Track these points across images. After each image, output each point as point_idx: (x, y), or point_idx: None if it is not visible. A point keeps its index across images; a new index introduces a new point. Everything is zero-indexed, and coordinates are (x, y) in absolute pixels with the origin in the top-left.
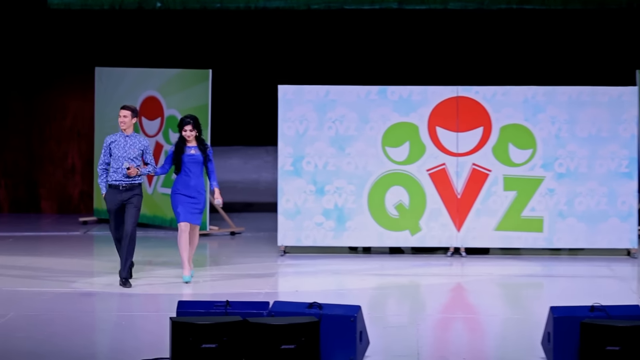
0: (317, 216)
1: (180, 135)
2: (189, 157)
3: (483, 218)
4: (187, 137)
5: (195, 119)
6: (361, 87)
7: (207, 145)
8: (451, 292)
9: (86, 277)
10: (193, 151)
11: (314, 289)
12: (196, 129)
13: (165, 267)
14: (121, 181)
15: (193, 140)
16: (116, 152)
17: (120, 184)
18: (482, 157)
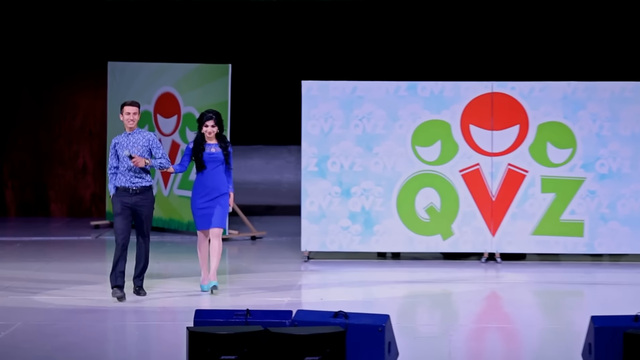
0: (343, 220)
1: (199, 132)
2: (209, 155)
3: (519, 222)
4: (208, 134)
5: (217, 114)
6: (390, 83)
7: (229, 143)
8: (485, 301)
9: (98, 285)
10: (213, 149)
11: (340, 297)
12: (218, 125)
13: (182, 274)
14: (131, 184)
15: (214, 138)
16: (121, 152)
17: (130, 186)
18: (519, 157)
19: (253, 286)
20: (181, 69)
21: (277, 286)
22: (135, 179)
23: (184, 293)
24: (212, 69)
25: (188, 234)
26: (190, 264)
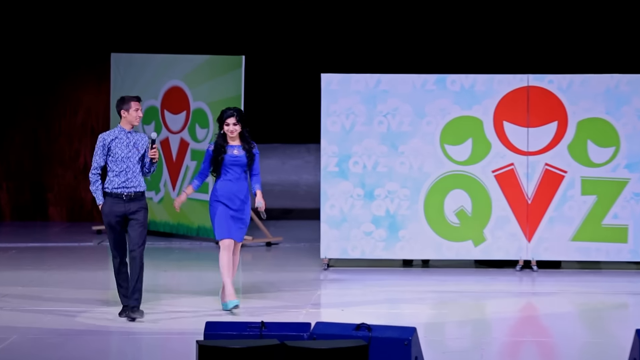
0: (366, 224)
1: (220, 132)
2: (231, 158)
3: (557, 226)
4: (230, 133)
5: (239, 111)
6: (417, 76)
7: (253, 144)
8: (520, 312)
9: (100, 295)
10: (236, 151)
11: (362, 309)
12: (241, 123)
13: (193, 286)
14: (125, 188)
15: (237, 138)
16: (119, 152)
17: (123, 191)
18: (557, 156)
19: (268, 296)
20: (190, 61)
21: (294, 296)
22: (130, 182)
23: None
24: (224, 61)
25: (198, 239)
26: (202, 273)
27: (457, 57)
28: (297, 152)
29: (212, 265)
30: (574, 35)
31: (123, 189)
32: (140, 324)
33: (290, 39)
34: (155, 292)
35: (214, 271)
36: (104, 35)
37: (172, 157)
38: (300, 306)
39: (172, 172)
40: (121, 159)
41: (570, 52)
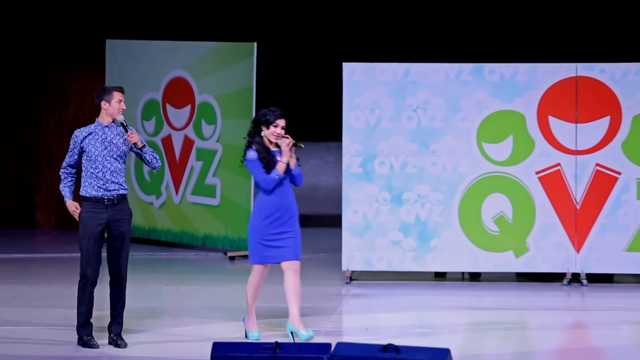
0: (393, 232)
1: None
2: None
3: (610, 235)
4: (276, 137)
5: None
6: (450, 65)
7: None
8: (568, 332)
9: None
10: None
11: (389, 327)
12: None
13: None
14: (105, 191)
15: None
16: (92, 149)
17: (104, 195)
18: (609, 155)
19: (283, 314)
20: (196, 48)
21: (312, 313)
22: (112, 184)
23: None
24: (233, 49)
25: (204, 249)
26: (209, 287)
27: (496, 43)
28: (315, 151)
29: (220, 278)
30: (628, 19)
31: (104, 191)
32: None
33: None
34: (157, 310)
35: (221, 285)
36: (97, 19)
37: (175, 157)
38: (320, 324)
39: (174, 173)
40: (95, 157)
41: (624, 37)
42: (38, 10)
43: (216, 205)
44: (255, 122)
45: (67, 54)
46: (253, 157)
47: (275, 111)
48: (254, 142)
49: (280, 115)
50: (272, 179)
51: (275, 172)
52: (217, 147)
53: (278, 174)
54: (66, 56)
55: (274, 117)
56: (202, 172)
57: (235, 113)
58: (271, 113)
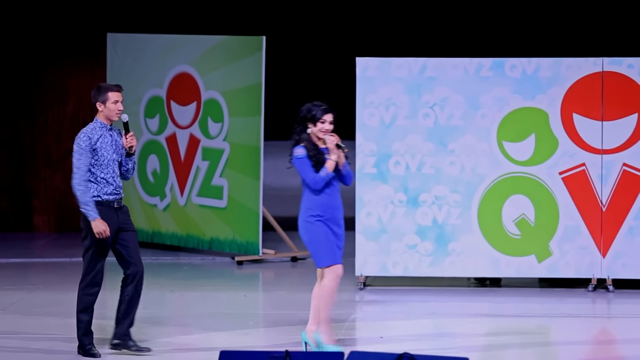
0: (409, 236)
1: (304, 132)
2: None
3: (638, 239)
4: (323, 134)
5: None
6: (470, 60)
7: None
8: (594, 340)
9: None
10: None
11: (405, 335)
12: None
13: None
14: (116, 195)
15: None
16: (105, 153)
17: (115, 199)
18: (637, 155)
19: (293, 321)
20: (202, 42)
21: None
22: (119, 188)
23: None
24: (241, 43)
25: (210, 253)
26: (215, 293)
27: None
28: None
29: (227, 284)
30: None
31: (115, 196)
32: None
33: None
34: (161, 317)
35: (229, 291)
36: (98, 12)
37: (180, 157)
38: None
39: (179, 174)
40: (107, 162)
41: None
42: (36, 3)
43: (223, 207)
44: (301, 119)
45: (66, 49)
46: (302, 154)
47: (320, 106)
48: (301, 139)
49: (326, 110)
50: (322, 178)
51: (324, 170)
52: (224, 147)
53: (327, 172)
54: (65, 51)
55: (320, 113)
56: (208, 173)
57: (243, 110)
58: (317, 108)
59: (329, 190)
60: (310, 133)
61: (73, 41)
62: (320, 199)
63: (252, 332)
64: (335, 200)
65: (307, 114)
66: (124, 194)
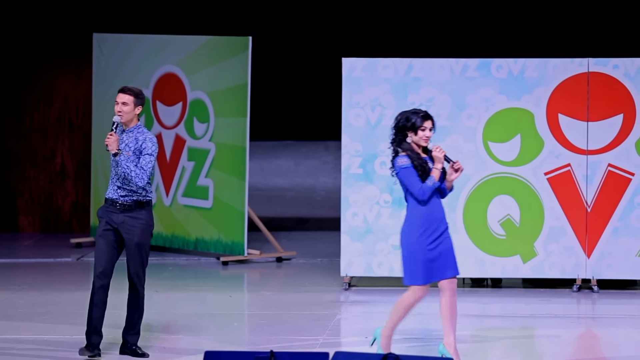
0: (395, 237)
1: (404, 141)
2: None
3: (623, 239)
4: (425, 141)
5: None
6: (456, 61)
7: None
8: (578, 342)
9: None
10: (432, 165)
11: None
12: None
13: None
14: (118, 196)
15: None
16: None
17: (117, 199)
18: (622, 155)
19: (278, 321)
20: (188, 43)
21: (309, 321)
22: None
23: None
24: (227, 43)
25: (195, 253)
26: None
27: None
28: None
29: (214, 284)
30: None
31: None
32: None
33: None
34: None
35: (214, 291)
36: (84, 12)
37: (166, 157)
38: (317, 333)
39: (165, 174)
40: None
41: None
42: (22, 3)
43: (209, 207)
44: (400, 129)
45: (53, 49)
46: (408, 164)
47: (418, 113)
48: (403, 149)
49: (426, 117)
50: (429, 188)
51: (431, 179)
52: (210, 147)
53: (434, 181)
54: (51, 51)
55: (420, 121)
56: (194, 173)
57: (229, 111)
58: (415, 116)
59: (433, 200)
60: (410, 142)
61: (59, 41)
62: (426, 210)
63: (238, 332)
64: (439, 210)
65: (407, 123)
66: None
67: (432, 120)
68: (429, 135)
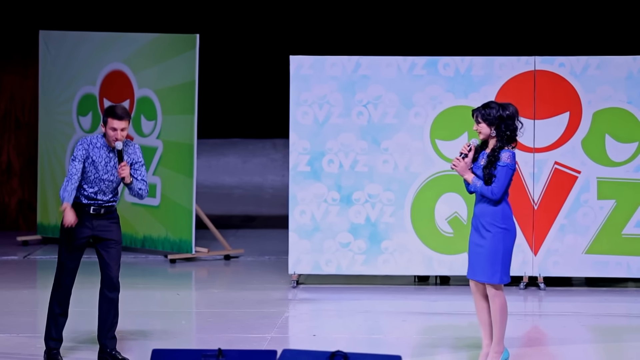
0: (343, 234)
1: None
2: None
3: (569, 237)
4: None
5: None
6: (403, 58)
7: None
8: (525, 337)
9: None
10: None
11: (338, 333)
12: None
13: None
14: (95, 200)
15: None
16: (93, 169)
17: (92, 204)
18: (569, 153)
19: (226, 319)
20: (135, 40)
21: (257, 319)
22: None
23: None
24: (174, 41)
25: (143, 251)
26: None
27: (450, 35)
28: (261, 148)
29: (162, 282)
30: (589, 11)
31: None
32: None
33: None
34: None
35: (163, 289)
36: (30, 9)
37: None
38: (265, 331)
39: None
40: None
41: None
42: None
43: (156, 205)
44: (510, 116)
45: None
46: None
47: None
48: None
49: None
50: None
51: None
52: (158, 144)
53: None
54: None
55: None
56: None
57: (177, 108)
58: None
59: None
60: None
61: (5, 38)
62: (509, 207)
63: (185, 330)
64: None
65: (514, 124)
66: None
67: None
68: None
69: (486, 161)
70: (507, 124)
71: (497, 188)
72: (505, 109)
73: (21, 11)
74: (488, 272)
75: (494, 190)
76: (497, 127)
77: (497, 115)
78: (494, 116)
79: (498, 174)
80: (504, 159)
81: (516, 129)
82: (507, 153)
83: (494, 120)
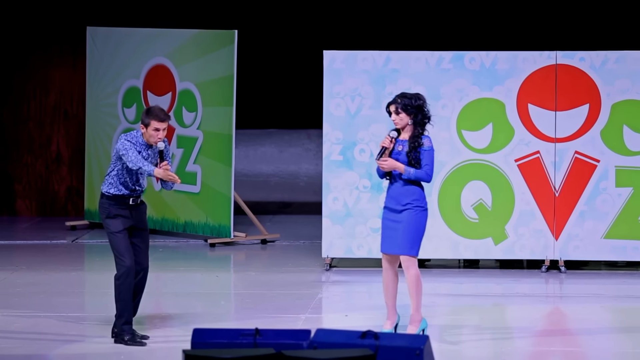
0: (373, 220)
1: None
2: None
3: (589, 222)
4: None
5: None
6: (431, 53)
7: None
8: (547, 319)
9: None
10: (400, 147)
11: (369, 314)
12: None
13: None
14: (134, 192)
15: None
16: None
17: (132, 195)
18: (588, 143)
19: (263, 300)
20: (177, 36)
21: (292, 300)
22: (138, 186)
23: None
24: (214, 36)
25: (184, 236)
26: (190, 274)
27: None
28: (296, 138)
29: (201, 265)
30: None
31: (131, 193)
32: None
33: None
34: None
35: (202, 272)
36: (78, 6)
37: None
38: (299, 311)
39: None
40: (133, 173)
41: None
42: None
43: (197, 192)
44: (424, 104)
45: (48, 40)
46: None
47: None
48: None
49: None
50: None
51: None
52: (198, 135)
53: None
54: (47, 42)
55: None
56: (182, 160)
57: (216, 101)
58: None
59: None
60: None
61: (55, 34)
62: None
63: (224, 310)
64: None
65: (427, 111)
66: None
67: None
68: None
69: (408, 148)
70: (423, 112)
71: (430, 170)
72: (419, 98)
73: (70, 9)
74: (407, 246)
75: (428, 173)
76: (415, 116)
77: (415, 105)
78: (412, 106)
79: (426, 158)
80: (427, 143)
81: (430, 116)
82: (427, 138)
83: (413, 110)
